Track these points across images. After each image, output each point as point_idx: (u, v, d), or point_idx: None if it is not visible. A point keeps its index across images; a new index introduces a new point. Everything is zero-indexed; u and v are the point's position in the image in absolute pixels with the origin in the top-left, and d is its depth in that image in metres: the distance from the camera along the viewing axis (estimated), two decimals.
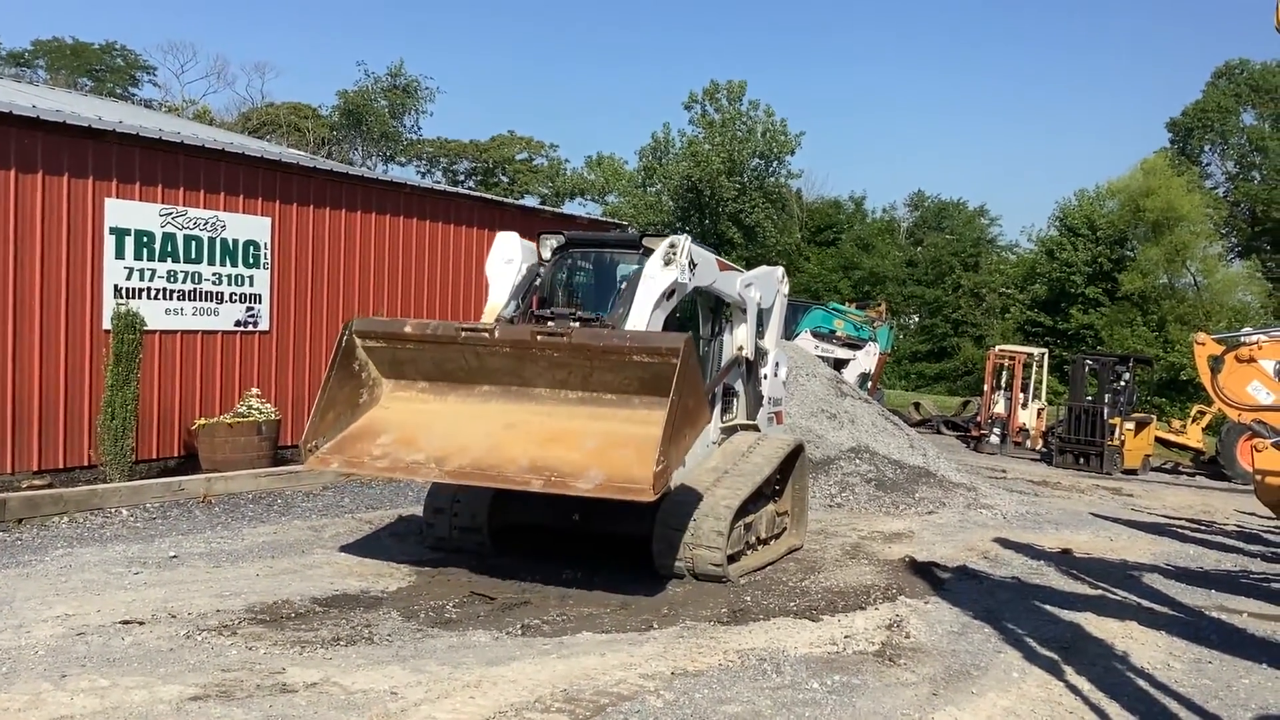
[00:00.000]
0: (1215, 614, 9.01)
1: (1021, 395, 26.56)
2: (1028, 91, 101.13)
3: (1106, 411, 23.36)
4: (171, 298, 12.90)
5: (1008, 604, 8.87)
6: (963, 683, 6.67)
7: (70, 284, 11.90)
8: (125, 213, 12.35)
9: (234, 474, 12.25)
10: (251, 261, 13.85)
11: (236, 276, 13.65)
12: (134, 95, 54.64)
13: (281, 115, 52.55)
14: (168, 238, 12.81)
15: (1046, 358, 28.25)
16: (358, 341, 8.62)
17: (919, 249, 57.04)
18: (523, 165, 58.95)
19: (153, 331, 12.40)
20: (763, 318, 11.45)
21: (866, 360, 27.17)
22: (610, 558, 9.46)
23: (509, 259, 9.44)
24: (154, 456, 12.74)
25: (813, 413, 15.69)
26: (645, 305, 8.56)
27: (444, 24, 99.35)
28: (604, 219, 26.85)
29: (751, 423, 11.00)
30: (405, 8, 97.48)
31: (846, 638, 7.48)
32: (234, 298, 13.64)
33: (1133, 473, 23.50)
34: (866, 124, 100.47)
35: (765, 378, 11.43)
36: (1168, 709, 6.43)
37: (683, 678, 6.37)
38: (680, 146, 51.59)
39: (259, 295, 13.97)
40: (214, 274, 13.37)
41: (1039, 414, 27.07)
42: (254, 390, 13.41)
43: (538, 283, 9.55)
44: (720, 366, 10.52)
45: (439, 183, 47.12)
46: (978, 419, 27.43)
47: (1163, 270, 43.17)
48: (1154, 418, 26.60)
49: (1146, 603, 9.32)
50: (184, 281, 13.02)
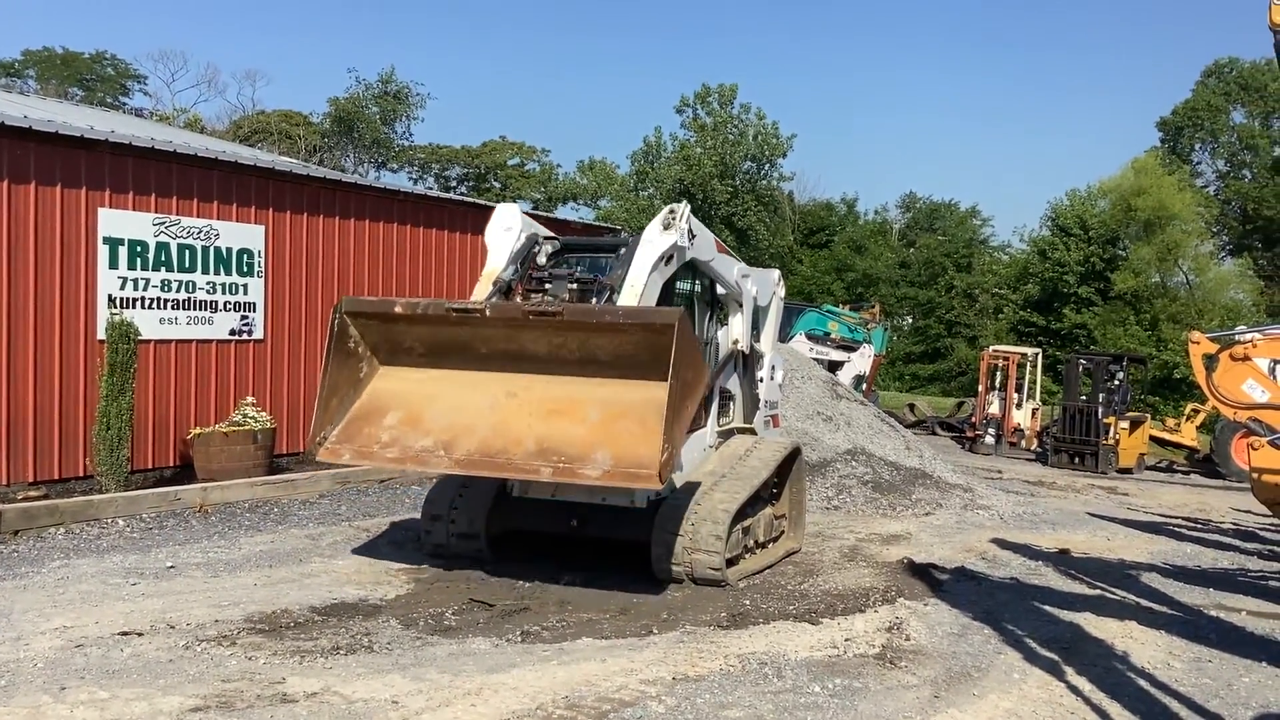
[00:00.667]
0: (1214, 612, 9.02)
1: (1016, 395, 26.58)
2: (1018, 92, 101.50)
3: (1101, 411, 23.38)
4: (166, 307, 12.87)
5: (1007, 605, 8.88)
6: (964, 684, 6.67)
7: (64, 294, 11.87)
8: (119, 222, 12.32)
9: (230, 483, 12.21)
10: (245, 270, 13.82)
11: (230, 285, 13.62)
12: (125, 104, 54.62)
13: (273, 123, 52.52)
14: (161, 247, 12.78)
15: (1040, 358, 28.28)
16: (349, 321, 8.58)
17: (912, 250, 57.07)
18: (515, 170, 58.92)
19: (147, 341, 12.36)
20: (759, 318, 11.45)
21: (861, 362, 27.17)
22: (609, 563, 9.45)
23: (508, 227, 9.31)
24: (150, 466, 12.71)
25: (809, 415, 15.69)
26: (643, 268, 8.52)
27: (435, 30, 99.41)
28: (597, 223, 26.87)
29: (748, 426, 11.00)
30: (396, 14, 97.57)
31: (847, 640, 7.48)
32: (228, 306, 13.62)
33: (1128, 472, 23.53)
34: (858, 126, 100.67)
35: (762, 381, 11.43)
36: (1169, 708, 6.43)
37: (684, 683, 6.36)
38: (672, 150, 51.66)
39: (253, 304, 13.95)
40: (208, 283, 13.34)
41: (1034, 414, 27.08)
42: (249, 399, 13.38)
43: (536, 250, 9.41)
44: (718, 361, 10.47)
45: (431, 189, 47.12)
46: (973, 420, 27.45)
47: (1155, 269, 43.25)
48: (1148, 416, 26.65)
49: (1145, 602, 9.33)
50: (178, 290, 13.00)
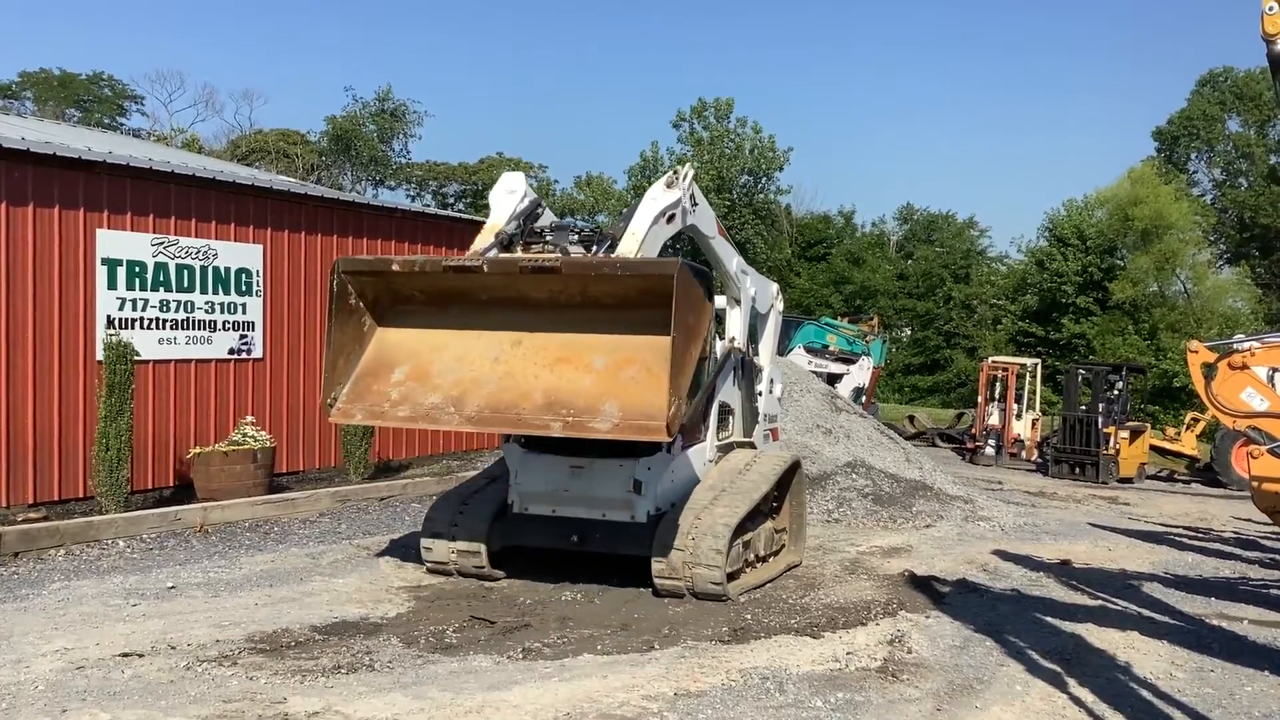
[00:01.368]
0: (1216, 622, 9.00)
1: (1015, 406, 26.57)
2: (1013, 102, 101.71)
3: (1101, 421, 23.37)
4: (164, 327, 12.89)
5: (1009, 616, 8.86)
6: (966, 697, 6.66)
7: (63, 316, 11.89)
8: (117, 243, 12.36)
9: (230, 502, 12.21)
10: (244, 289, 13.85)
11: (229, 304, 13.65)
12: (122, 125, 54.74)
13: (270, 142, 52.61)
14: (160, 267, 12.81)
15: (1039, 368, 28.30)
16: (348, 280, 8.57)
17: (909, 262, 57.15)
18: None
19: (146, 361, 12.38)
20: (757, 328, 11.45)
21: (860, 374, 27.20)
22: (609, 578, 9.44)
23: (512, 190, 9.25)
24: (150, 487, 12.71)
25: (808, 428, 15.69)
26: (645, 219, 8.57)
27: (431, 48, 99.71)
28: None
29: (748, 440, 10.99)
30: (392, 33, 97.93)
31: (849, 654, 7.45)
32: (227, 326, 13.64)
33: (1129, 481, 23.50)
34: (854, 138, 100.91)
35: (761, 394, 11.43)
36: (1172, 719, 6.42)
37: (685, 698, 6.35)
38: (669, 165, 51.73)
39: (252, 323, 13.97)
40: (206, 302, 13.37)
41: (1034, 425, 27.07)
42: (248, 418, 13.39)
43: (539, 212, 9.32)
44: (716, 360, 10.41)
45: (429, 206, 47.14)
46: (972, 431, 27.44)
47: (1153, 278, 43.33)
48: (1148, 426, 26.61)
49: (1147, 612, 9.31)
50: (177, 310, 13.02)
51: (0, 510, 11.24)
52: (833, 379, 25.29)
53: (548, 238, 8.92)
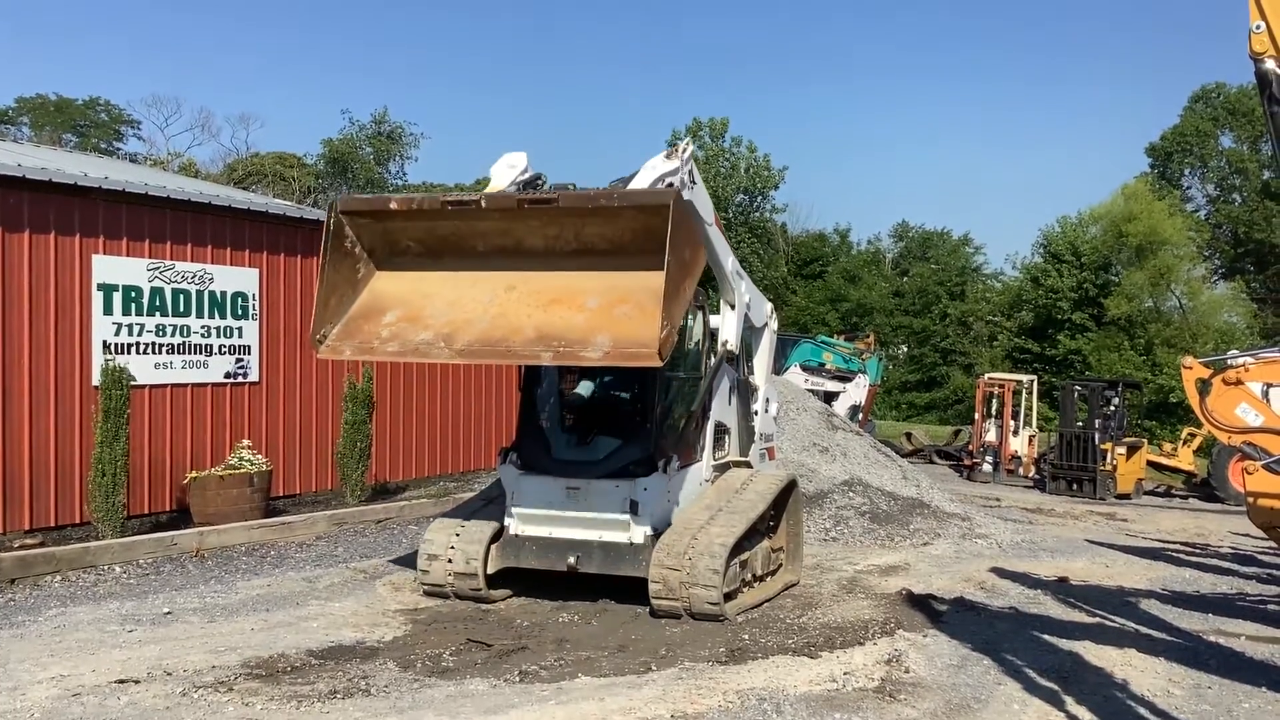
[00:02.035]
0: (1213, 638, 9.00)
1: (1012, 423, 26.57)
2: (1007, 120, 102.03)
3: (1098, 437, 23.39)
4: (160, 351, 12.90)
5: (1006, 635, 8.85)
6: (964, 716, 6.65)
7: (59, 341, 11.89)
8: (112, 268, 12.37)
9: (226, 527, 12.18)
10: (240, 313, 13.87)
11: (225, 328, 13.66)
12: (119, 150, 54.86)
13: (267, 165, 52.71)
14: (156, 292, 12.82)
15: (1036, 384, 28.31)
16: (345, 221, 8.55)
17: (905, 279, 57.27)
18: None
19: (142, 386, 12.38)
20: (752, 345, 11.46)
21: (857, 392, 27.21)
22: (606, 599, 9.44)
23: (513, 164, 9.16)
24: (146, 511, 12.69)
25: (805, 447, 15.69)
26: (642, 182, 8.59)
27: (427, 70, 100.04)
28: None
29: (744, 459, 11.00)
30: (388, 55, 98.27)
31: (846, 674, 7.44)
32: (223, 349, 13.65)
33: (1126, 497, 23.48)
34: (849, 157, 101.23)
35: (757, 413, 11.44)
36: None
37: None
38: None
39: (248, 346, 13.98)
40: (203, 326, 13.38)
41: (1030, 441, 27.06)
42: (245, 442, 13.37)
43: (541, 181, 9.24)
44: (711, 366, 10.40)
45: None
46: (969, 448, 27.43)
47: (1148, 294, 43.46)
48: (1145, 441, 26.62)
49: (1144, 629, 9.30)
50: (172, 335, 13.03)
51: None
52: (829, 397, 25.30)
53: (549, 186, 8.91)
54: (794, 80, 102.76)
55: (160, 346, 12.90)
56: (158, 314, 12.86)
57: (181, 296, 13.13)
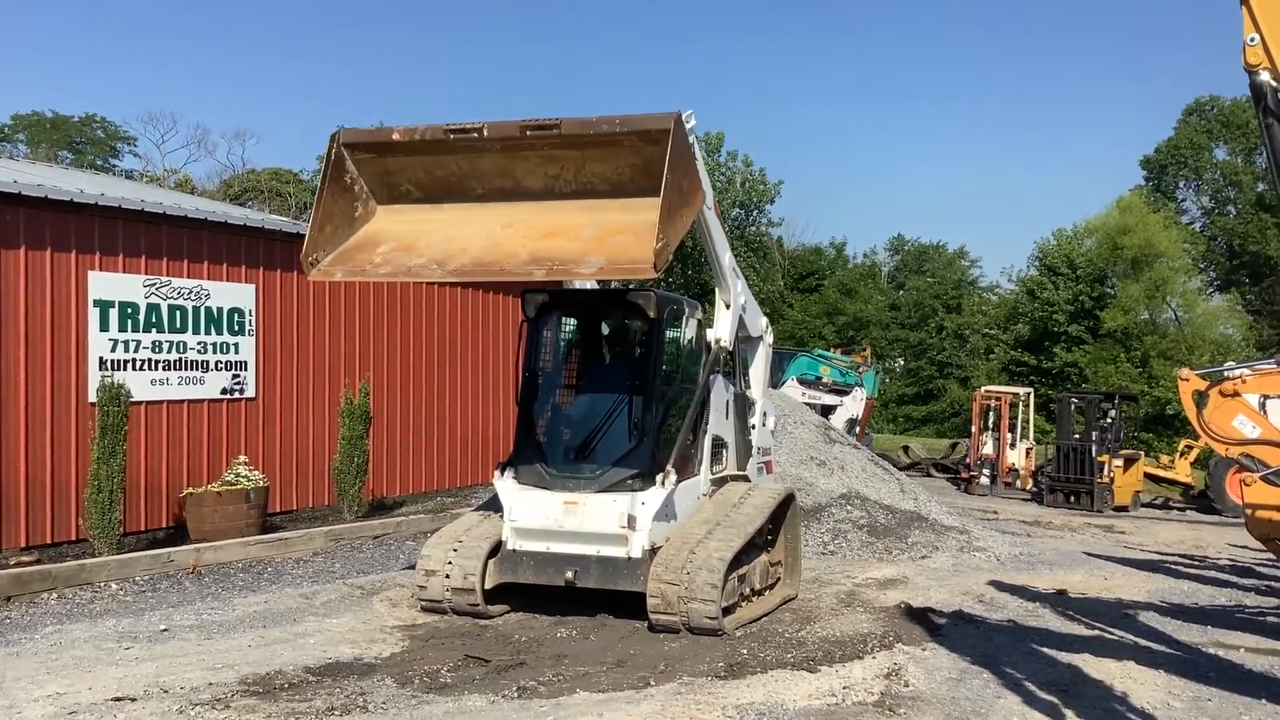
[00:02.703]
0: (1212, 650, 8.99)
1: (1009, 435, 26.61)
2: (1002, 133, 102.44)
3: (1095, 449, 23.41)
4: (157, 368, 12.89)
5: (1005, 648, 8.83)
6: None
7: (55, 358, 11.88)
8: (109, 285, 12.37)
9: (223, 543, 12.15)
10: (236, 329, 13.86)
11: (221, 345, 13.65)
12: (115, 166, 54.89)
13: (263, 181, 52.67)
14: (152, 308, 12.82)
15: (1032, 397, 28.36)
16: (346, 154, 8.49)
17: (901, 292, 57.39)
18: None
19: (139, 402, 12.35)
20: (748, 356, 11.45)
21: (854, 405, 27.22)
22: (604, 614, 9.41)
23: None
24: (143, 528, 12.66)
25: (802, 460, 15.69)
26: None
27: (422, 83, 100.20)
28: None
29: (742, 473, 10.98)
30: (383, 69, 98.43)
31: (845, 688, 7.42)
32: (219, 366, 13.64)
33: (1124, 509, 23.51)
34: (845, 170, 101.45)
35: (754, 428, 11.43)
36: None
37: None
38: None
39: (244, 362, 13.97)
40: (199, 343, 13.37)
41: (1028, 454, 27.10)
42: (241, 458, 13.35)
43: None
44: (706, 370, 10.35)
45: None
46: (967, 461, 27.45)
47: (1144, 306, 43.53)
48: (1142, 454, 26.67)
49: (1143, 641, 9.29)
50: (169, 351, 13.02)
51: None
52: (826, 410, 25.30)
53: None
54: (789, 95, 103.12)
55: (157, 363, 12.89)
56: (154, 330, 12.85)
57: (178, 313, 13.13)
